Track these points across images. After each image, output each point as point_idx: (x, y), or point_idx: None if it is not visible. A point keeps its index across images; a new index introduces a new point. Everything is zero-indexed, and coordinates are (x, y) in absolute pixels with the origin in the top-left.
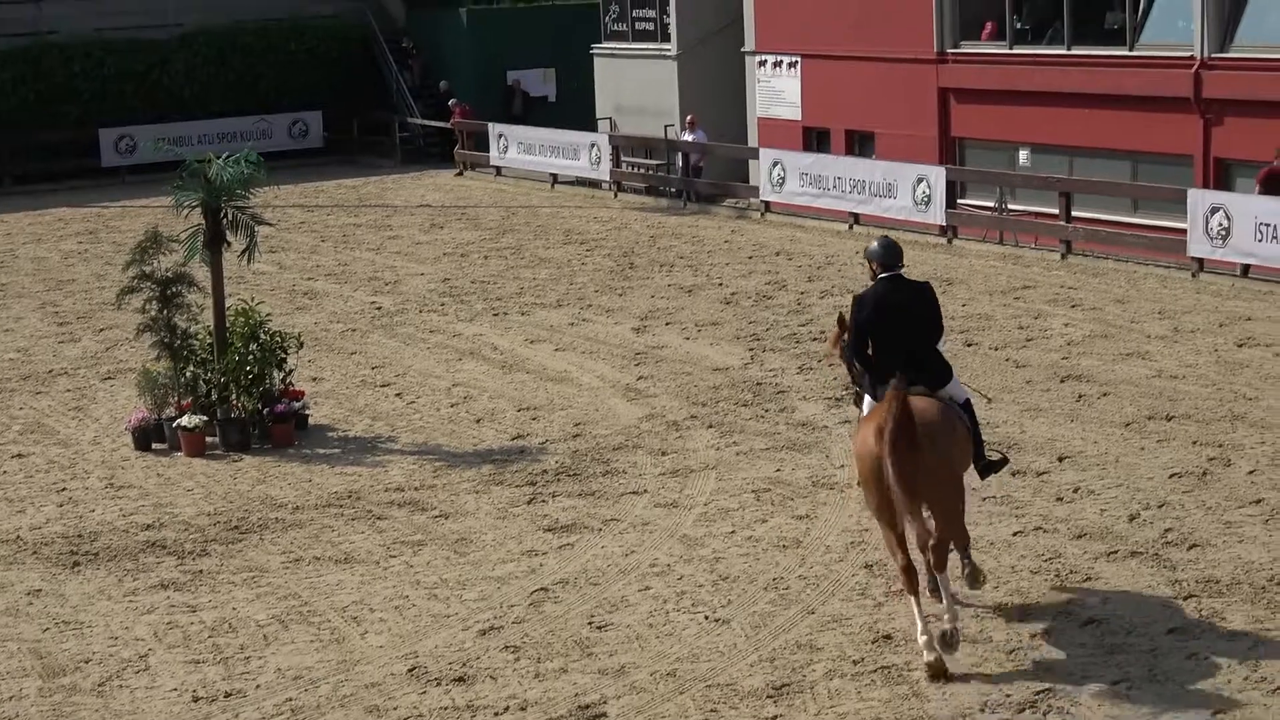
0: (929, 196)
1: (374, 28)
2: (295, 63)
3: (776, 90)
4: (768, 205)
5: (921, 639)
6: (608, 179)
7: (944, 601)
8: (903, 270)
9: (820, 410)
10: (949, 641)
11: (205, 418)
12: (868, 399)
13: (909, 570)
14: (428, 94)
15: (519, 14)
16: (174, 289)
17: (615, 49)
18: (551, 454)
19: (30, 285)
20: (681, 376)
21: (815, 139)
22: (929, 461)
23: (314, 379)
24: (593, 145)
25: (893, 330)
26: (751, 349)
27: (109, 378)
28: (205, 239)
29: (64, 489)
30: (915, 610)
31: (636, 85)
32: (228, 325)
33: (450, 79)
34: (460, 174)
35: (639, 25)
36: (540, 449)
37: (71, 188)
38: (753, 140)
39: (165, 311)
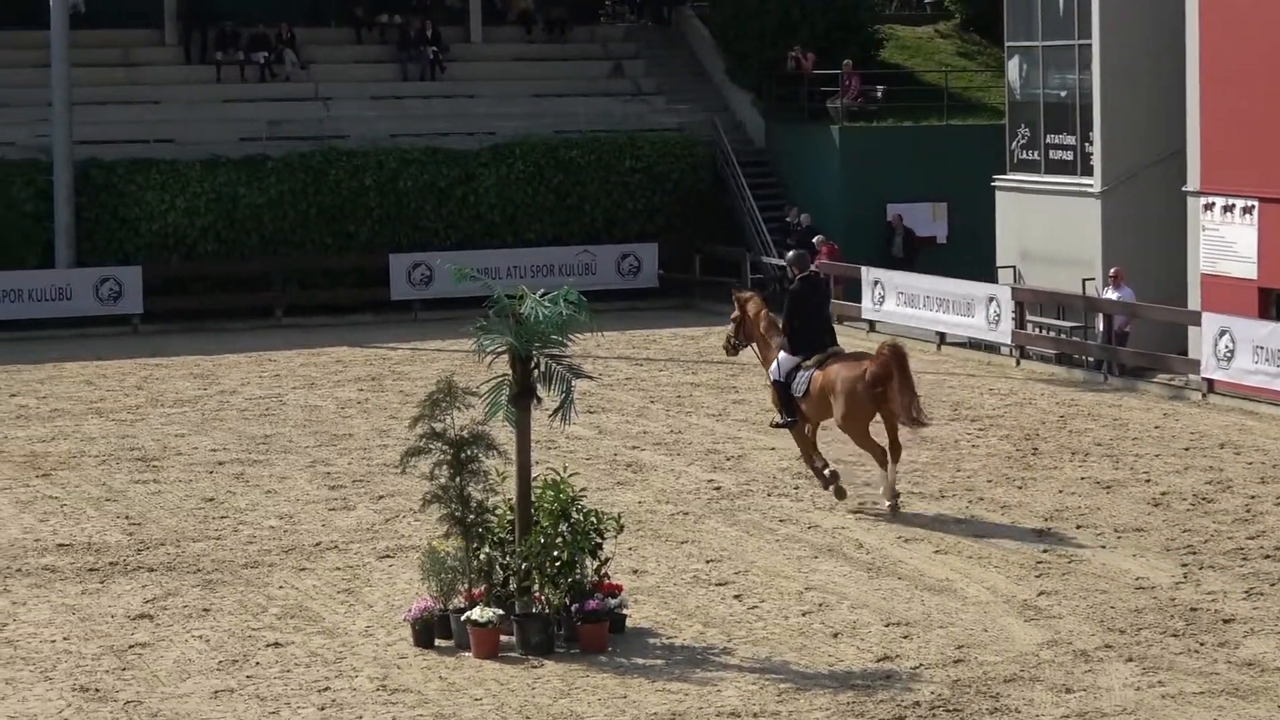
0: None
1: (724, 144)
2: (629, 184)
3: (1227, 241)
4: (1211, 384)
5: (887, 495)
6: (1008, 342)
7: (890, 478)
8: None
9: (1272, 648)
10: (896, 500)
11: (501, 611)
12: (783, 353)
13: (880, 451)
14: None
15: (904, 134)
16: (470, 452)
17: (1023, 181)
18: (926, 682)
19: (299, 439)
20: (1094, 594)
21: (1276, 304)
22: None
23: (635, 571)
24: (991, 299)
25: (811, 308)
26: (1185, 564)
27: (387, 556)
28: (511, 393)
29: (327, 689)
30: (886, 471)
31: (1048, 227)
32: (533, 499)
33: (814, 210)
34: None
35: (1054, 154)
36: (912, 675)
37: (354, 323)
38: (1194, 302)
39: (458, 479)
